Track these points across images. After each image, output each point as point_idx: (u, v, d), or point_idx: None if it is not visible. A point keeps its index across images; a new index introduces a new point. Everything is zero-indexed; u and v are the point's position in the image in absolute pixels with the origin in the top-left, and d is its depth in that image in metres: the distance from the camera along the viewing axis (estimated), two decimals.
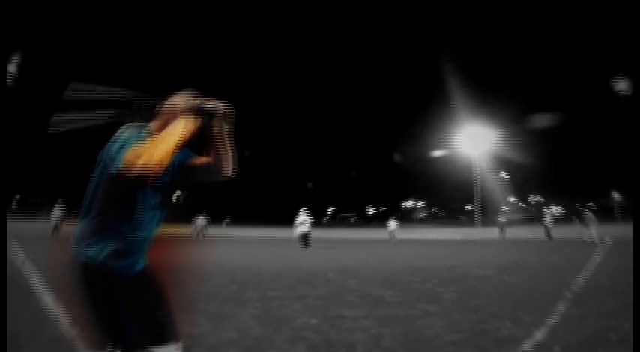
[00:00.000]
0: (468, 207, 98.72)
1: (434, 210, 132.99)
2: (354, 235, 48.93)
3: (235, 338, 5.23)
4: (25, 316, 5.79)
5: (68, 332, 5.21)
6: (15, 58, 66.89)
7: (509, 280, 10.42)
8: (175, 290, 2.86)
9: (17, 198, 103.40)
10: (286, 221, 37.47)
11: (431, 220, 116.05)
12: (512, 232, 39.69)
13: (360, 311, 6.77)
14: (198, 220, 37.99)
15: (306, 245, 23.64)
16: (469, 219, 79.35)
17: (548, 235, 32.57)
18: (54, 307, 6.30)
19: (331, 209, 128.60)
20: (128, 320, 2.48)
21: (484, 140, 56.14)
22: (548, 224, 33.75)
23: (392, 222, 38.05)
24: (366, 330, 5.62)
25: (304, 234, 24.16)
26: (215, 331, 5.47)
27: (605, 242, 24.71)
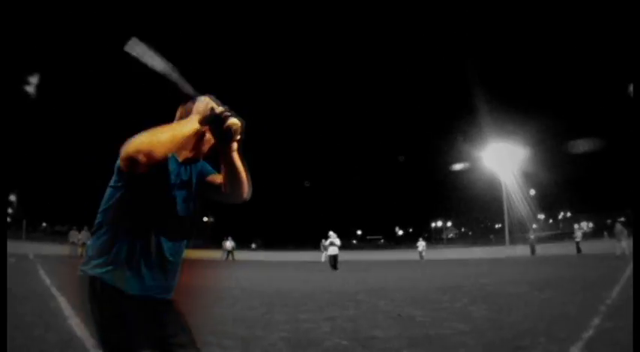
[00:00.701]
0: (497, 226, 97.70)
1: (463, 230, 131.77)
2: (383, 256, 48.73)
3: None
4: (51, 339, 5.81)
5: None
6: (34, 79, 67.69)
7: (541, 296, 10.25)
8: (203, 313, 2.82)
9: (44, 226, 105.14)
10: (314, 244, 37.52)
11: (460, 239, 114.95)
12: (542, 249, 39.12)
13: (391, 331, 6.66)
14: (226, 244, 38.57)
15: (334, 267, 23.59)
16: (498, 238, 78.50)
17: (578, 250, 32.16)
18: (80, 330, 6.32)
19: (359, 231, 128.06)
20: (148, 344, 2.31)
21: (512, 157, 55.65)
22: (577, 238, 33.33)
23: (420, 243, 37.91)
24: (398, 351, 5.54)
25: (333, 256, 24.15)
26: None
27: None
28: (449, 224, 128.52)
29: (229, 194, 2.59)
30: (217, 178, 2.68)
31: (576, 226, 39.96)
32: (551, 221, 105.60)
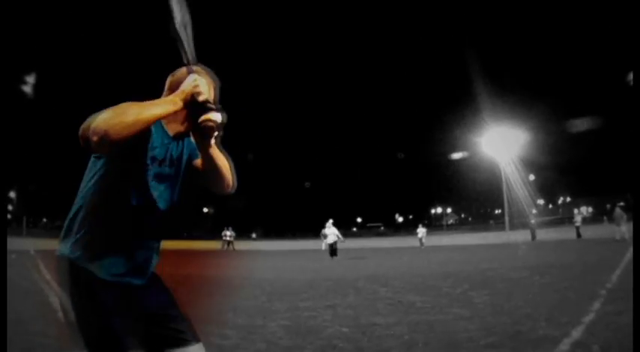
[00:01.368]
0: (497, 211, 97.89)
1: (462, 216, 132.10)
2: (383, 244, 48.69)
3: (264, 349, 5.17)
4: (52, 334, 5.78)
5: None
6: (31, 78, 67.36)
7: (542, 281, 10.25)
8: (204, 303, 2.75)
9: (44, 222, 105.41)
10: (315, 232, 37.57)
11: (460, 226, 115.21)
12: (542, 234, 39.12)
13: (392, 318, 6.66)
14: (226, 233, 38.69)
15: (332, 255, 23.62)
16: (498, 223, 78.60)
17: (578, 234, 32.23)
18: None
19: (359, 219, 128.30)
20: (134, 328, 2.10)
21: (510, 142, 55.51)
22: (577, 223, 33.39)
23: (420, 229, 37.94)
24: (399, 337, 5.52)
25: (332, 244, 24.17)
26: (244, 343, 5.41)
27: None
28: (449, 210, 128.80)
29: (210, 186, 2.40)
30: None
31: (576, 211, 40.02)
32: (550, 206, 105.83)
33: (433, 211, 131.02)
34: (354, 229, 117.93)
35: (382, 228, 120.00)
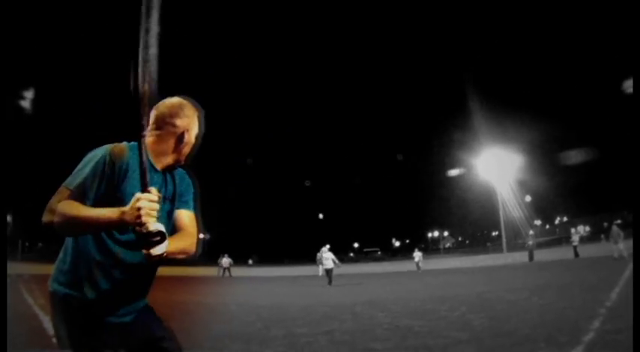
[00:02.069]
0: (494, 233, 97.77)
1: (460, 239, 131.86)
2: (380, 269, 48.50)
3: None
4: None
5: None
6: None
7: (540, 302, 10.18)
8: (200, 330, 2.72)
9: (40, 246, 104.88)
10: (311, 258, 37.49)
11: (457, 249, 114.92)
12: (540, 254, 39.04)
13: (390, 343, 6.57)
14: (222, 260, 38.69)
15: (329, 279, 23.54)
16: (496, 245, 78.51)
17: (575, 254, 32.22)
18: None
19: (355, 244, 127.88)
20: None
21: (506, 164, 55.72)
22: (575, 243, 33.41)
23: (416, 253, 37.95)
24: None
25: (328, 270, 24.08)
26: None
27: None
28: (445, 233, 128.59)
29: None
30: (182, 219, 2.40)
31: (573, 230, 40.14)
32: (547, 226, 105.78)
33: (430, 235, 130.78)
34: (351, 254, 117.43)
35: (379, 253, 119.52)
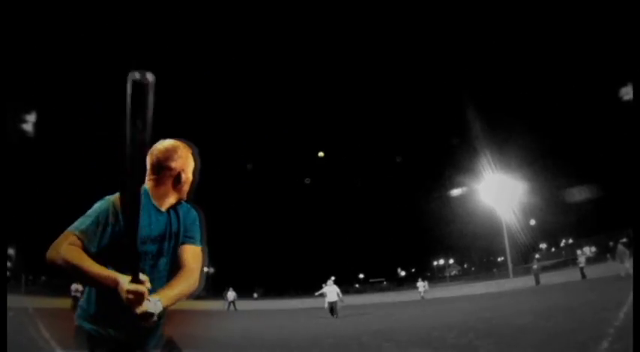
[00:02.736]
0: (500, 259, 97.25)
1: (465, 266, 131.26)
2: (386, 298, 48.21)
3: None
4: None
5: None
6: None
7: (548, 325, 10.10)
8: None
9: (43, 279, 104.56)
10: (316, 290, 37.36)
11: (463, 276, 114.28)
12: (547, 277, 38.82)
13: None
14: (227, 294, 38.77)
15: (332, 314, 23.41)
16: (501, 271, 77.99)
17: (582, 275, 32.04)
18: None
19: (361, 275, 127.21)
20: None
21: (508, 188, 55.70)
22: (581, 264, 33.26)
23: (420, 283, 38.01)
24: None
25: (331, 303, 23.99)
26: None
27: None
28: (451, 261, 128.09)
29: None
30: (185, 254, 2.44)
31: (579, 252, 39.93)
32: (553, 249, 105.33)
33: (435, 263, 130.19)
34: (357, 285, 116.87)
35: (385, 283, 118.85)
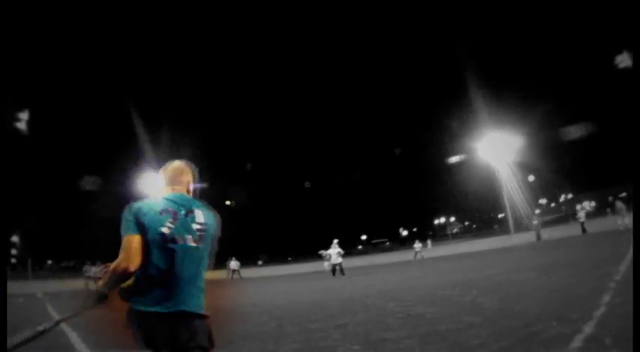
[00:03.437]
0: (500, 215, 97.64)
1: (466, 224, 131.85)
2: (390, 259, 48.50)
3: None
4: None
5: None
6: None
7: (550, 280, 10.22)
8: (214, 332, 2.84)
9: (49, 263, 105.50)
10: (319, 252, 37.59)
11: (464, 234, 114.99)
12: (547, 233, 39.03)
13: (402, 332, 6.62)
14: (231, 263, 38.98)
15: (333, 273, 23.69)
16: (503, 227, 78.43)
17: (583, 230, 32.18)
18: None
19: (363, 236, 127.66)
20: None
21: (507, 145, 55.53)
22: (581, 219, 33.40)
23: (417, 244, 38.54)
24: (410, 350, 5.49)
25: (335, 265, 24.24)
26: None
27: None
28: (452, 219, 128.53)
29: None
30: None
31: (578, 207, 40.04)
32: (553, 204, 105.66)
33: (437, 221, 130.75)
34: (360, 247, 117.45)
35: (387, 244, 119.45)
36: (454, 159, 75.45)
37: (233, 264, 39.32)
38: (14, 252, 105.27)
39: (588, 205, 76.01)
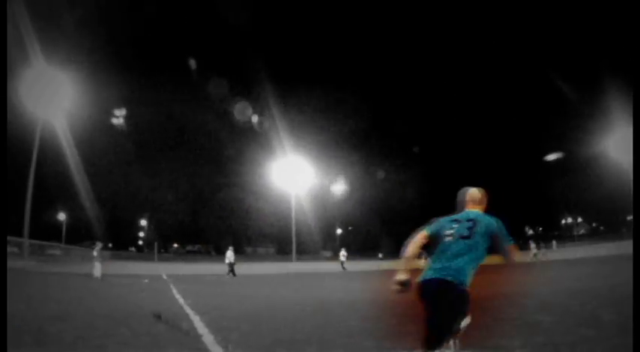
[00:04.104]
0: (629, 218, 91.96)
1: (594, 225, 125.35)
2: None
3: None
4: None
5: None
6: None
7: None
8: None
9: (175, 247, 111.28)
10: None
11: (591, 236, 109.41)
12: None
13: (516, 340, 6.58)
14: (343, 254, 40.06)
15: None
16: (630, 231, 74.02)
17: None
18: (213, 348, 6.65)
19: None
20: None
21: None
22: None
23: (532, 246, 37.65)
24: None
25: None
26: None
27: None
28: (579, 220, 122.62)
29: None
30: (501, 245, 4.59)
31: None
32: None
33: (563, 221, 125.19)
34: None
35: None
36: (581, 156, 71.99)
37: (342, 255, 40.68)
38: (141, 235, 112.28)
39: None
